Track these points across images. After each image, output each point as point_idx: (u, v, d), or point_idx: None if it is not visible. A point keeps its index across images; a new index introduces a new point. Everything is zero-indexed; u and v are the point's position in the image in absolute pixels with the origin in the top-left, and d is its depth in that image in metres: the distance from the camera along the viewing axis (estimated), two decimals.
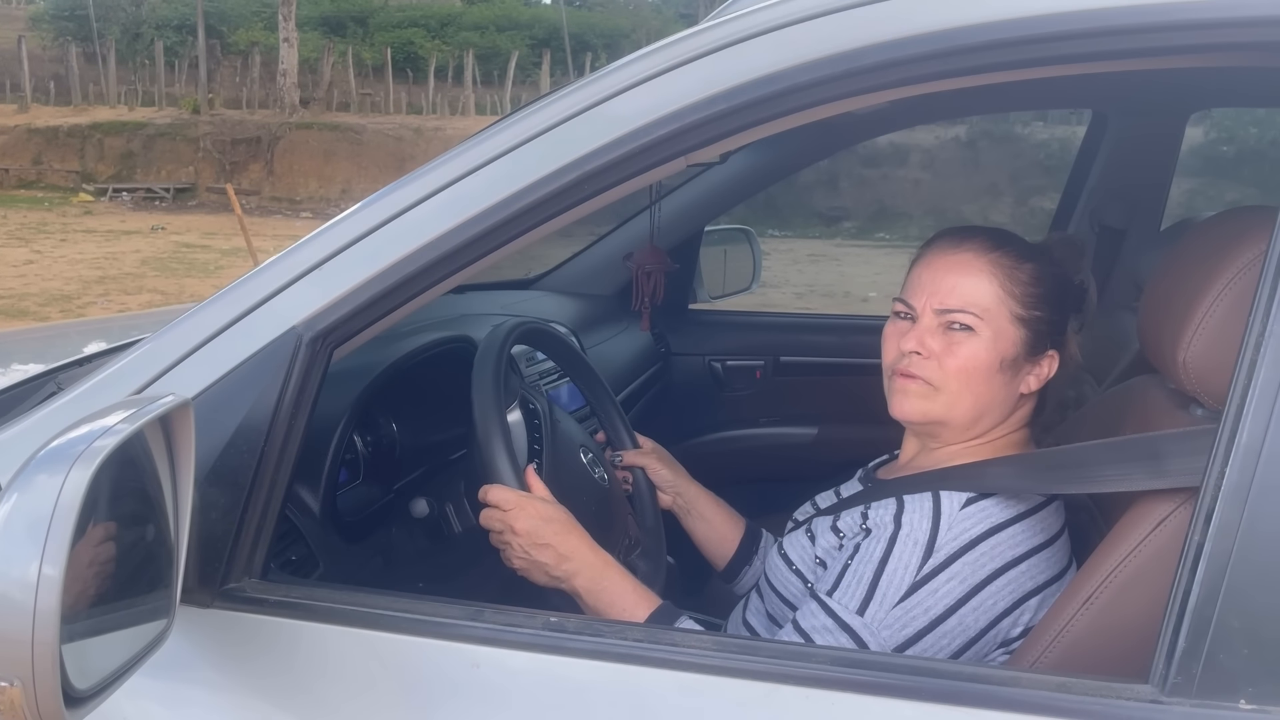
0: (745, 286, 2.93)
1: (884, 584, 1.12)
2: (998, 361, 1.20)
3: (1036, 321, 1.21)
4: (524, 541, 1.21)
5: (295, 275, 1.02)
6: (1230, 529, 0.82)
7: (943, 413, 1.22)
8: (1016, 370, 1.22)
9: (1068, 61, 0.94)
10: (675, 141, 0.97)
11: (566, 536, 1.21)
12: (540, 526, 1.21)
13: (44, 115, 19.31)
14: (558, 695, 0.93)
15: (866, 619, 1.11)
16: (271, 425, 0.98)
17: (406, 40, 23.16)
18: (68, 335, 2.47)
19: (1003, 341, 1.20)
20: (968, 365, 1.20)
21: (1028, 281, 1.21)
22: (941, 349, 1.21)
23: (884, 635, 1.10)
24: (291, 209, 16.73)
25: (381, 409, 1.57)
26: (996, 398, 1.22)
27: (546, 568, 1.21)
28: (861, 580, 1.13)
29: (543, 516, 1.22)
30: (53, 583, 0.74)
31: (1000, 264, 1.21)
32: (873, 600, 1.11)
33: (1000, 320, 1.20)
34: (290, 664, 0.98)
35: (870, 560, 1.14)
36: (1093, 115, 2.47)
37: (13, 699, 0.74)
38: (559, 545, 1.21)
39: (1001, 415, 1.24)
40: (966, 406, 1.22)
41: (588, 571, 1.20)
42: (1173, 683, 0.81)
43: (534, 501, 1.23)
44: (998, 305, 1.20)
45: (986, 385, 1.21)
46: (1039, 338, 1.22)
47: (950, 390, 1.21)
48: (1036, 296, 1.21)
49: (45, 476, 0.76)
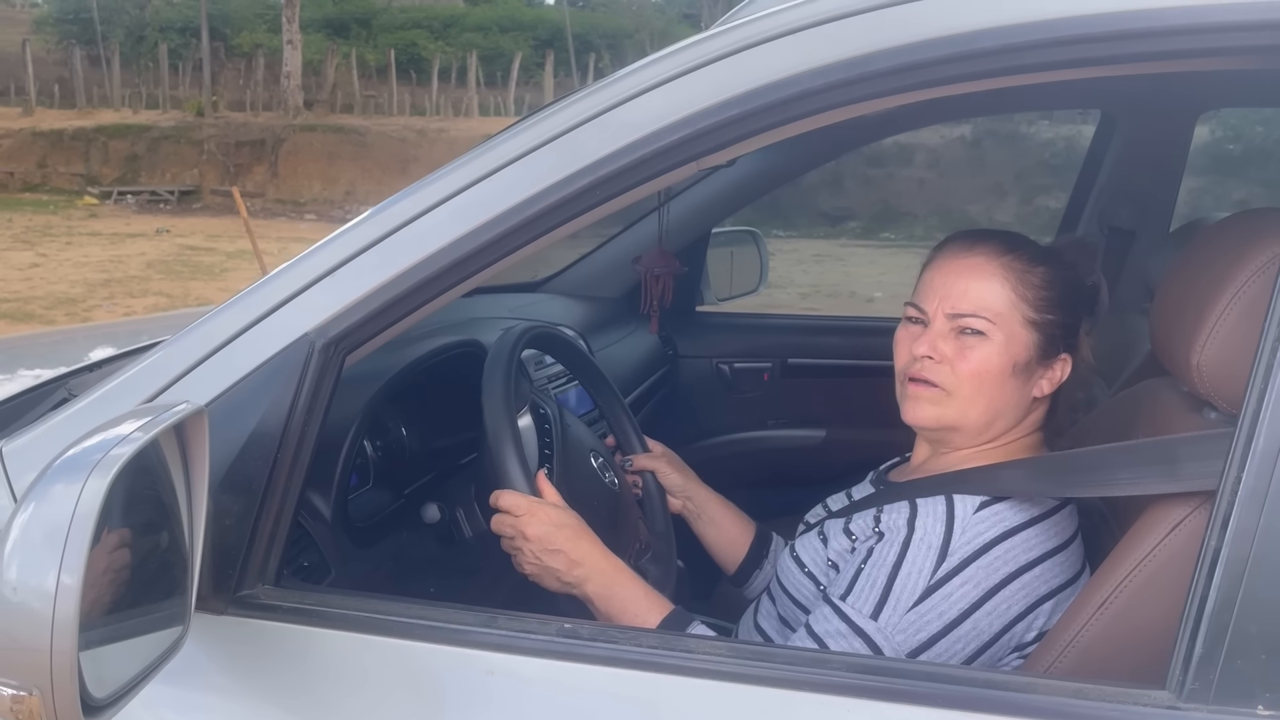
0: (752, 288, 2.93)
1: (898, 588, 1.11)
2: (1010, 366, 1.20)
3: (1049, 325, 1.21)
4: (535, 547, 1.21)
5: (308, 282, 1.02)
6: (1248, 533, 0.81)
7: (955, 418, 1.22)
8: (1029, 374, 1.22)
9: (1081, 65, 0.93)
10: (688, 147, 0.97)
11: (578, 542, 1.21)
12: (551, 532, 1.21)
13: (48, 118, 19.37)
14: (572, 702, 0.93)
15: (880, 623, 1.11)
16: (285, 431, 0.98)
17: (410, 42, 23.22)
18: (75, 340, 2.47)
19: (1015, 345, 1.20)
20: (980, 370, 1.19)
21: (1040, 285, 1.21)
22: (954, 353, 1.20)
23: (898, 640, 1.10)
24: (296, 211, 16.76)
25: (391, 414, 1.57)
26: (1009, 402, 1.22)
27: (558, 573, 1.21)
28: (875, 584, 1.13)
29: (554, 522, 1.21)
30: (71, 591, 0.74)
31: (1012, 268, 1.21)
32: (887, 604, 1.11)
33: (1013, 324, 1.20)
34: (304, 671, 0.98)
35: (884, 564, 1.14)
36: (1102, 116, 2.47)
37: (32, 708, 0.75)
38: (570, 551, 1.20)
39: (1014, 419, 1.24)
40: (980, 411, 1.21)
41: (599, 577, 1.20)
42: (1190, 688, 0.81)
43: (545, 507, 1.23)
44: (1010, 309, 1.20)
45: (999, 390, 1.20)
46: (1051, 341, 1.22)
47: (963, 395, 1.21)
48: (1049, 300, 1.21)
49: (62, 485, 0.77)
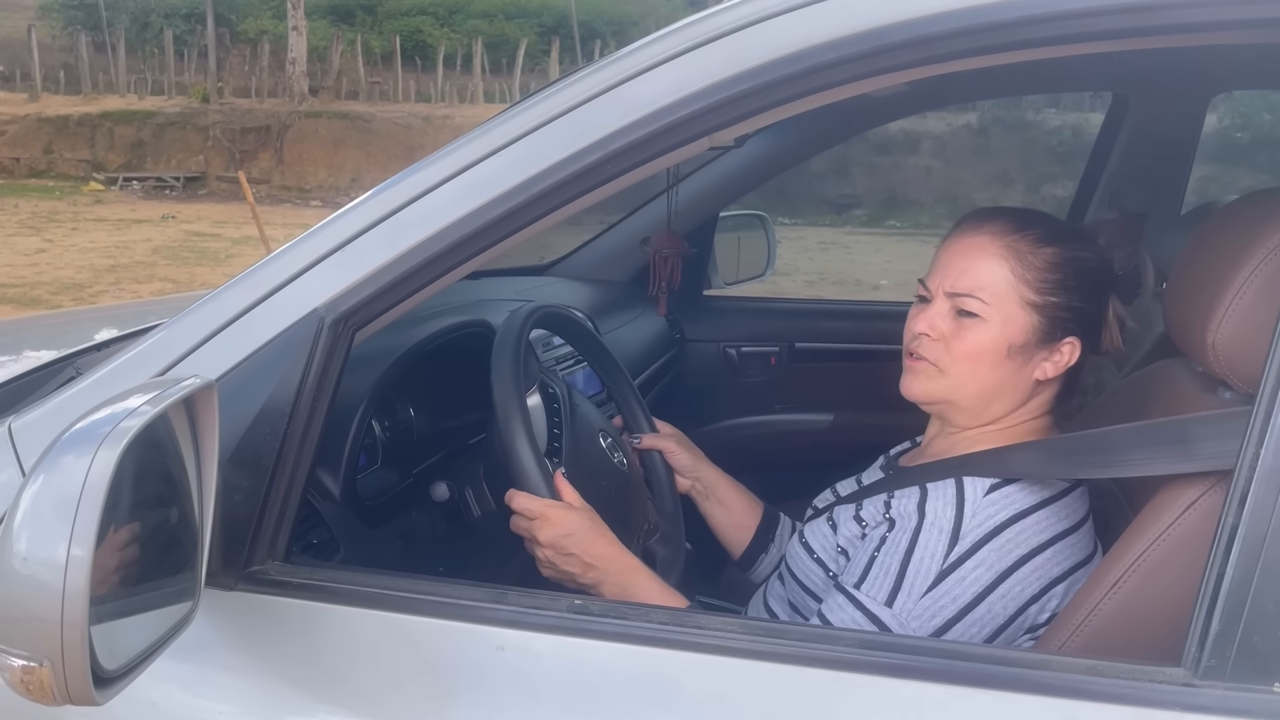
0: (760, 273, 2.92)
1: (911, 574, 1.11)
2: (1005, 347, 1.18)
3: (1052, 308, 1.18)
4: (549, 553, 1.21)
5: (317, 258, 1.01)
6: (1265, 512, 0.81)
7: (946, 394, 1.22)
8: (1028, 357, 1.20)
9: (1095, 39, 0.92)
10: (698, 122, 0.96)
11: (593, 544, 1.21)
12: (563, 539, 1.20)
13: (54, 104, 19.34)
14: (582, 678, 0.93)
15: (895, 610, 1.10)
16: (294, 407, 0.98)
17: (415, 28, 23.14)
18: (81, 322, 2.47)
19: (1012, 327, 1.18)
20: (974, 350, 1.19)
21: (1043, 267, 1.18)
22: (950, 332, 1.20)
23: (913, 626, 1.10)
24: (301, 198, 16.76)
25: (399, 394, 1.57)
26: (1006, 384, 1.20)
27: (574, 576, 1.21)
28: (889, 571, 1.12)
29: (566, 528, 1.21)
30: (81, 563, 0.74)
31: (1014, 248, 1.19)
32: (900, 591, 1.11)
33: (1010, 305, 1.18)
34: (313, 646, 0.98)
35: (896, 551, 1.13)
36: (1113, 98, 2.45)
37: (42, 679, 0.74)
38: (584, 554, 1.20)
39: (1015, 401, 1.22)
40: (973, 390, 1.21)
41: (615, 578, 1.20)
42: (1206, 666, 0.81)
43: (557, 510, 1.22)
44: (1009, 290, 1.18)
45: (993, 371, 1.19)
46: (1055, 324, 1.19)
47: (955, 373, 1.20)
48: (1053, 282, 1.18)
49: (72, 457, 0.76)
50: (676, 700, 0.91)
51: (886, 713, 0.87)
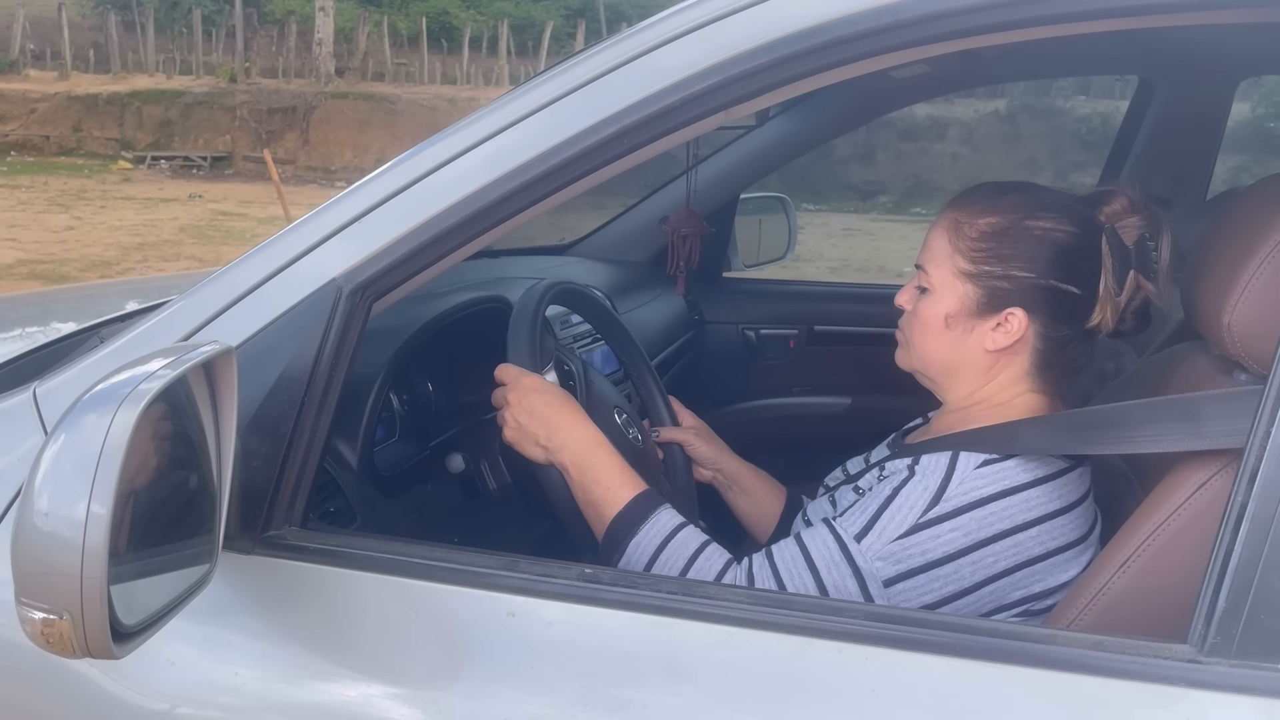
0: (780, 255, 2.91)
1: (886, 519, 1.12)
2: (942, 317, 1.21)
3: (986, 276, 1.18)
4: (516, 411, 1.23)
5: (336, 228, 1.02)
6: (1275, 491, 0.81)
7: (914, 364, 1.27)
8: (968, 328, 1.20)
9: (1115, 16, 0.92)
10: (716, 95, 0.96)
11: (559, 412, 1.24)
12: (534, 398, 1.24)
13: (84, 83, 19.50)
14: (591, 645, 0.94)
15: (863, 546, 1.11)
16: (312, 375, 0.99)
17: (441, 10, 23.16)
18: (107, 294, 2.50)
19: (947, 297, 1.20)
20: (920, 320, 1.24)
21: (976, 236, 1.18)
22: (911, 305, 1.26)
23: (876, 565, 1.10)
24: (326, 178, 16.82)
25: (417, 368, 1.58)
26: (953, 354, 1.22)
27: (536, 437, 1.23)
28: (866, 511, 1.14)
29: (538, 389, 1.25)
30: (101, 520, 0.75)
31: (954, 219, 1.21)
32: (872, 530, 1.12)
33: (945, 274, 1.20)
34: (328, 610, 1.00)
35: (878, 496, 1.14)
36: (1139, 82, 2.42)
37: (62, 631, 0.76)
38: (551, 417, 1.23)
39: (976, 373, 1.22)
40: (930, 361, 1.25)
41: (576, 446, 1.22)
42: (1212, 643, 0.81)
43: (533, 377, 1.26)
44: (946, 259, 1.21)
45: (936, 341, 1.22)
46: (992, 294, 1.18)
47: (914, 345, 1.26)
48: (985, 251, 1.18)
49: (93, 416, 0.78)
50: (684, 668, 0.92)
51: (892, 685, 0.87)
